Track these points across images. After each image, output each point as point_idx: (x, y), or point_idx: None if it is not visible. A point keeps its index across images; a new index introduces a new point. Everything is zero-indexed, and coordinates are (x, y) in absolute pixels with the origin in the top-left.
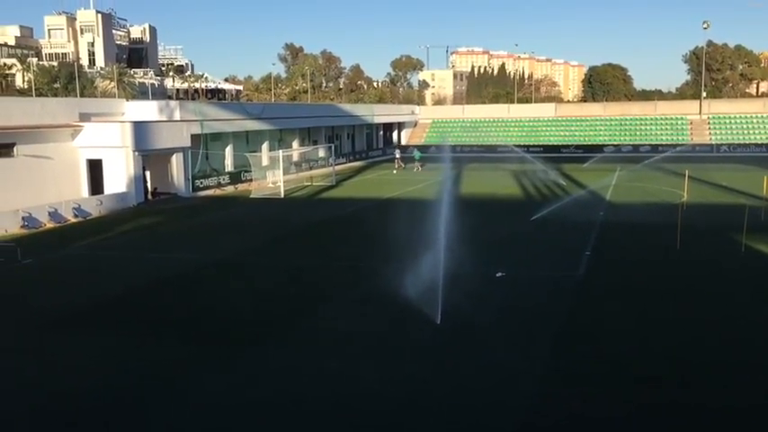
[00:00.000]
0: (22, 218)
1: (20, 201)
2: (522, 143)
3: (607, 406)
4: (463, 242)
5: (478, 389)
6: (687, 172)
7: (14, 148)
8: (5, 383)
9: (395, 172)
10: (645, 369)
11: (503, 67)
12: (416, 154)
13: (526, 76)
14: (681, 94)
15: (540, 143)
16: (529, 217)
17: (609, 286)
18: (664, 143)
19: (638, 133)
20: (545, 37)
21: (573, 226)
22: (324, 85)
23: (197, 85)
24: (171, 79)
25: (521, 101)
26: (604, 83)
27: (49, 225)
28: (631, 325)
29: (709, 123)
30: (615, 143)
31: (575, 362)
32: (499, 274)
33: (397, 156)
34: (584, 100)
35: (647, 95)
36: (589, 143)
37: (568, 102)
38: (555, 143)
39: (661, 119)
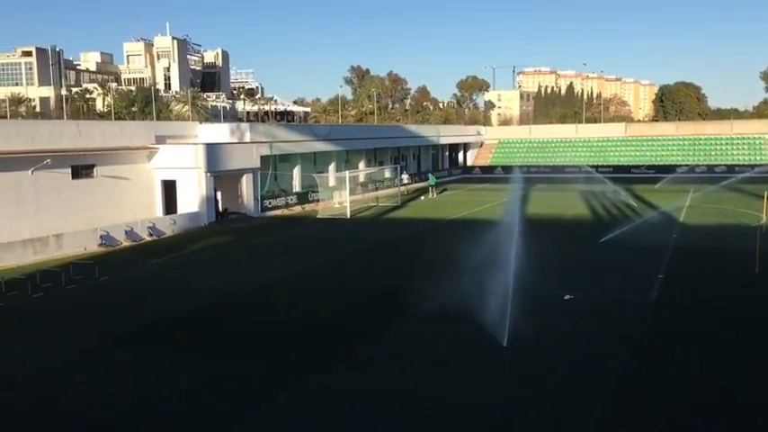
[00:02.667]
0: (100, 236)
1: (98, 220)
2: (590, 163)
3: None
4: (530, 264)
5: (540, 411)
6: (766, 194)
7: (94, 170)
8: (78, 397)
9: (402, 188)
10: (715, 397)
11: (570, 86)
12: (431, 179)
13: (595, 96)
14: (758, 113)
15: (610, 163)
16: (598, 239)
17: (682, 311)
18: (740, 163)
19: (712, 153)
20: (615, 56)
21: (644, 248)
22: (390, 106)
23: (267, 107)
24: (242, 102)
25: (589, 121)
26: (677, 102)
27: (126, 243)
28: (704, 352)
29: None
30: (688, 163)
31: (643, 388)
32: (567, 297)
33: (405, 180)
34: (655, 119)
35: (722, 114)
36: (661, 163)
37: (639, 121)
38: (625, 163)
39: (737, 138)
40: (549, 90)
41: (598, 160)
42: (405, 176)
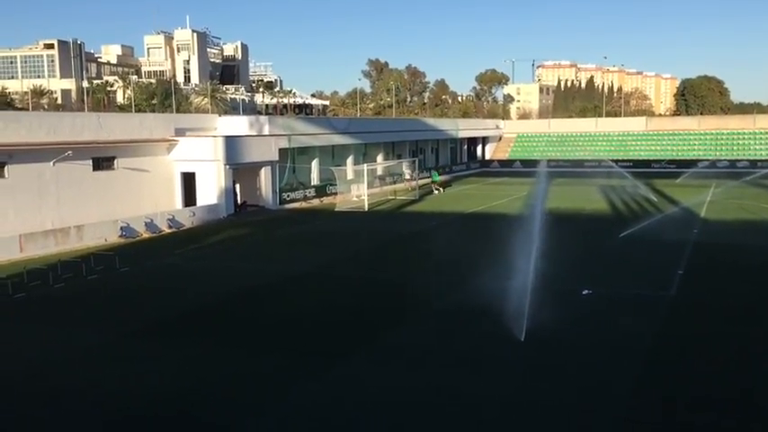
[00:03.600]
0: (121, 228)
1: (119, 211)
2: (610, 158)
3: None
4: (549, 258)
5: (555, 407)
6: None
7: (115, 162)
8: (101, 387)
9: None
10: (733, 395)
11: (591, 80)
12: (434, 175)
13: (615, 90)
14: None
15: (630, 158)
16: (618, 233)
17: (702, 308)
18: (763, 158)
19: (735, 148)
20: (636, 49)
21: (664, 244)
22: (408, 99)
23: (285, 100)
24: (261, 95)
25: (609, 114)
26: (699, 96)
27: (145, 235)
28: (723, 350)
29: None
30: (710, 158)
31: (660, 386)
32: (586, 292)
33: (407, 176)
34: (676, 113)
35: (744, 109)
36: (682, 158)
37: (660, 115)
38: (645, 158)
39: (760, 133)
40: (568, 84)
41: (618, 155)
42: (407, 172)
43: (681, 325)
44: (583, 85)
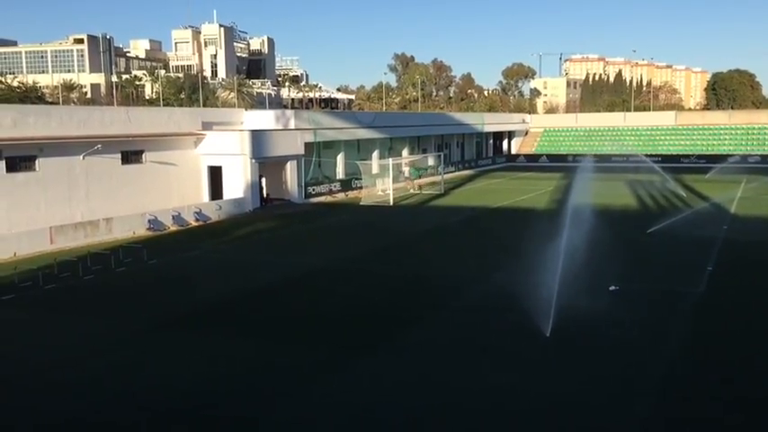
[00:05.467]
0: (149, 221)
1: (147, 204)
2: (638, 153)
3: None
4: (576, 254)
5: (581, 404)
6: None
7: (143, 155)
8: (130, 377)
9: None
10: (763, 395)
11: (619, 74)
12: (412, 171)
13: (644, 84)
14: None
15: (659, 152)
16: (645, 229)
17: (731, 305)
18: None
19: (766, 143)
20: (665, 42)
21: (694, 240)
22: (434, 93)
23: (311, 94)
24: (287, 89)
25: (638, 109)
26: (729, 90)
27: (173, 228)
28: (752, 348)
29: None
30: (741, 153)
31: (688, 384)
32: (613, 288)
33: (406, 174)
34: (707, 108)
35: None
36: (712, 153)
37: (690, 110)
38: (674, 153)
39: None
40: (596, 77)
41: (646, 149)
42: (405, 170)
43: (709, 322)
44: (611, 79)
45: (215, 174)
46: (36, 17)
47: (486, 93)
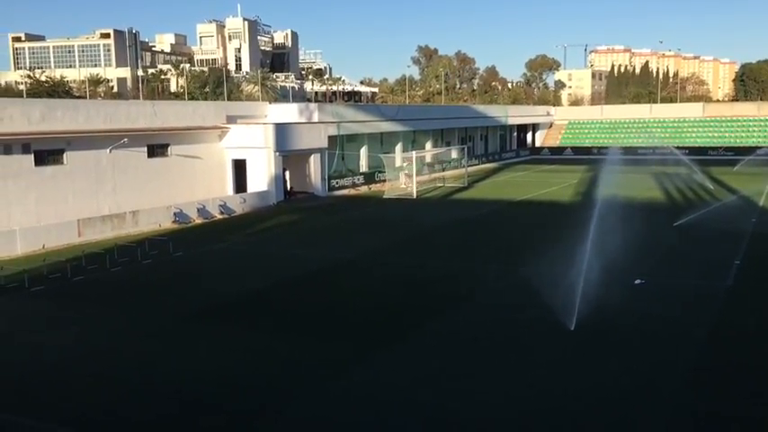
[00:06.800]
0: (174, 213)
1: (172, 197)
2: (668, 145)
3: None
4: (600, 247)
5: (606, 398)
6: None
7: (169, 149)
8: (157, 368)
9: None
10: None
11: (645, 65)
12: (409, 168)
13: (671, 75)
14: None
15: (685, 145)
16: (672, 222)
17: (759, 300)
18: None
19: None
20: (693, 33)
21: (721, 233)
22: (458, 86)
23: (334, 87)
24: (310, 82)
25: (664, 100)
26: (759, 81)
27: (198, 221)
28: None
29: None
30: None
31: (715, 379)
32: (638, 281)
33: (406, 171)
34: (735, 99)
35: None
36: (740, 145)
37: (718, 101)
38: (702, 145)
39: None
40: (622, 69)
41: (673, 142)
42: (405, 165)
43: (737, 317)
44: (637, 71)
45: (239, 167)
46: (64, 12)
47: (509, 85)
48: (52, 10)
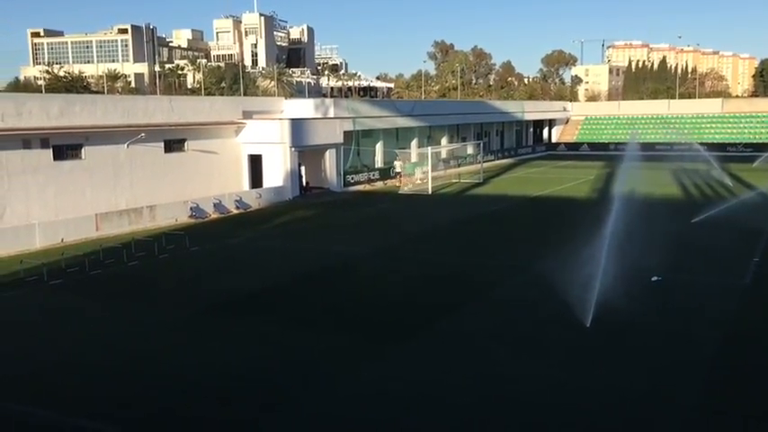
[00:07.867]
0: (190, 208)
1: (189, 192)
2: (691, 141)
3: None
4: (617, 244)
5: (622, 397)
6: None
7: (185, 144)
8: (173, 361)
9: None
10: None
11: (663, 60)
12: (408, 167)
13: (689, 71)
14: None
15: (704, 141)
16: (689, 219)
17: None
18: None
19: None
20: (712, 28)
21: (739, 230)
22: (474, 81)
23: (350, 83)
24: (326, 78)
25: (682, 96)
26: None
27: (214, 216)
28: None
29: None
30: None
31: (733, 377)
32: (655, 278)
33: (398, 168)
34: (755, 95)
35: None
36: (760, 141)
37: (737, 97)
38: (720, 141)
39: None
40: (640, 64)
41: (691, 138)
42: (397, 164)
43: (755, 315)
44: (655, 66)
45: (255, 162)
46: (82, 8)
47: (526, 81)
48: (70, 6)
